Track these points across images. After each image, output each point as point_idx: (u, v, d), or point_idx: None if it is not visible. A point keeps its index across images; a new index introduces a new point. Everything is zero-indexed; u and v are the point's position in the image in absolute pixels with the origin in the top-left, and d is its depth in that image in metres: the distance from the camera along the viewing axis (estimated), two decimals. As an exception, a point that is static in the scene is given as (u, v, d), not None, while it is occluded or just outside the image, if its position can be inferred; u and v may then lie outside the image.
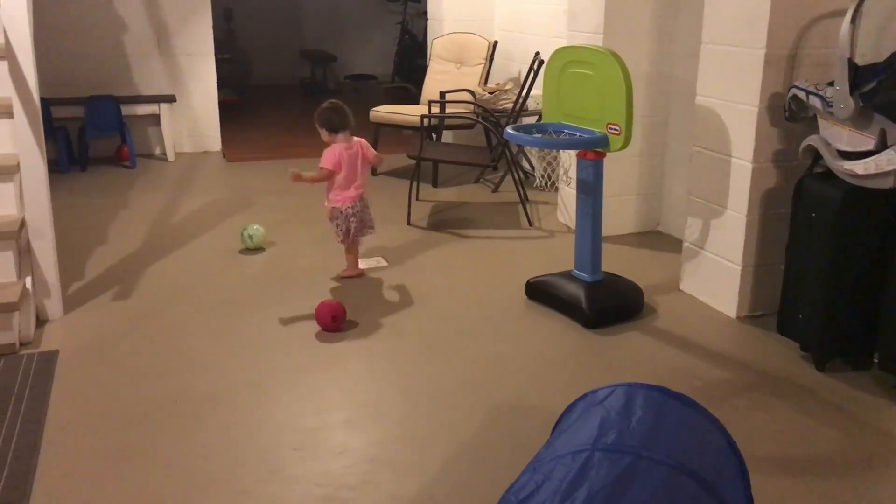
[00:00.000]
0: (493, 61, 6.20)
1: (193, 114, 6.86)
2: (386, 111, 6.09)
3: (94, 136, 6.35)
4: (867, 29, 3.10)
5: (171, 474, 2.44)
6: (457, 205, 5.39)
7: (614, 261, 4.02)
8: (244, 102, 8.80)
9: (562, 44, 4.01)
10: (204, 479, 2.42)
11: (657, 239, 4.74)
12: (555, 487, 1.55)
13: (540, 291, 3.74)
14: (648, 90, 4.52)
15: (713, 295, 3.71)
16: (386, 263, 4.24)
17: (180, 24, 6.67)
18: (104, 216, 5.04)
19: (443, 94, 5.77)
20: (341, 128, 3.83)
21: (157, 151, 6.78)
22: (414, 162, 5.19)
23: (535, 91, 5.15)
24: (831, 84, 3.03)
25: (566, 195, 4.90)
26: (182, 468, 2.48)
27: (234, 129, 7.49)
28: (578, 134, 3.54)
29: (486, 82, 6.10)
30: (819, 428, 2.73)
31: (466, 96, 5.78)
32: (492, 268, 4.23)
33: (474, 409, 2.83)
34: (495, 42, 6.20)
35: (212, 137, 6.97)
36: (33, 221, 3.42)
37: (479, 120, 5.46)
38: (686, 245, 3.88)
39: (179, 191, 5.69)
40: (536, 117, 5.13)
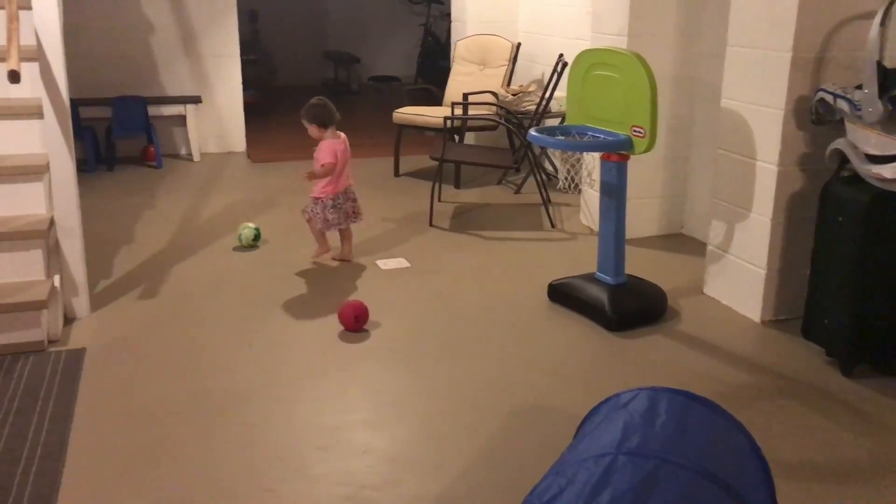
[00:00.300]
0: (517, 63, 6.19)
1: (219, 115, 6.92)
2: (409, 112, 6.11)
3: (121, 136, 6.41)
4: (896, 31, 3.07)
5: (196, 472, 2.47)
6: (479, 206, 5.40)
7: (637, 263, 4.01)
8: (269, 103, 8.86)
9: (585, 46, 4.00)
10: (228, 477, 2.45)
11: (681, 242, 4.72)
12: (578, 491, 1.55)
13: (562, 294, 3.74)
14: (673, 93, 4.50)
15: (737, 299, 3.69)
16: (408, 264, 4.26)
17: (206, 26, 6.73)
18: (130, 216, 5.10)
19: (466, 96, 5.77)
20: (330, 123, 4.04)
21: (183, 152, 6.85)
22: (436, 163, 5.20)
23: (559, 93, 5.14)
24: (859, 87, 3.00)
25: (589, 197, 4.89)
26: (206, 466, 2.50)
27: (259, 129, 7.54)
28: (602, 136, 3.53)
29: (508, 84, 6.09)
30: (845, 434, 2.70)
31: (489, 98, 5.78)
32: (514, 269, 4.23)
33: (497, 410, 2.84)
34: (518, 44, 6.19)
35: (237, 138, 7.02)
36: (62, 220, 3.47)
37: (501, 121, 5.46)
38: (710, 248, 3.86)
39: (205, 191, 5.75)
40: (560, 119, 5.12)
